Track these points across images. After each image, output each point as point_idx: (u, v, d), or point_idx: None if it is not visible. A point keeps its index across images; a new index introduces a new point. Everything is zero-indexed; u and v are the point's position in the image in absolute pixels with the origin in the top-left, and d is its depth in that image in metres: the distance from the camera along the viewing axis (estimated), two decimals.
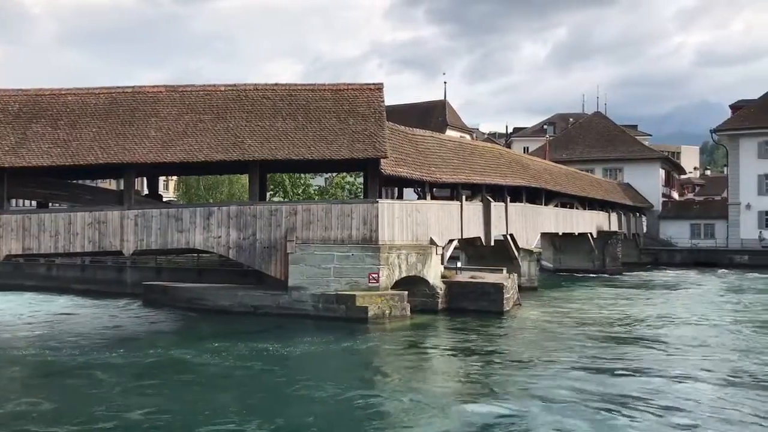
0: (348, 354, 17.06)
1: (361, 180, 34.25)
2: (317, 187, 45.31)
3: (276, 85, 24.35)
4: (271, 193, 39.77)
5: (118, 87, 23.16)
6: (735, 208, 55.38)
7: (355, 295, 21.29)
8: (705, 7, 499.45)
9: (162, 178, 51.75)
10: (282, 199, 39.30)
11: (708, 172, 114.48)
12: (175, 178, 54.26)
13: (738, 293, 33.61)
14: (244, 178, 38.01)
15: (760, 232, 53.83)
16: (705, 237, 56.80)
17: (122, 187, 24.56)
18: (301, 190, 42.45)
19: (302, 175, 41.96)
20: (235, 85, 24.07)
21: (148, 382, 14.36)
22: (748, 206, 54.77)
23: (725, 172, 64.22)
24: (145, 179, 32.17)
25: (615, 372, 15.14)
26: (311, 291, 21.93)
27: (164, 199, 32.62)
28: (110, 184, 46.77)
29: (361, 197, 28.49)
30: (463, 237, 27.82)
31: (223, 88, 23.70)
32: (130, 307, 26.58)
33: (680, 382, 14.24)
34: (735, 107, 60.67)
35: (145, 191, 31.95)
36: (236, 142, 22.28)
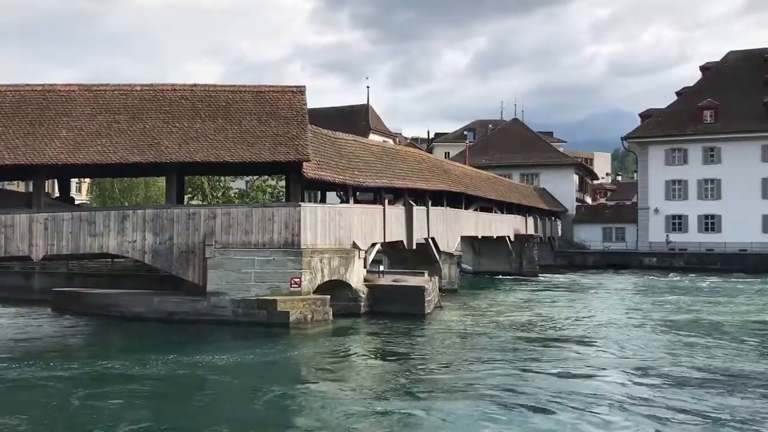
0: (268, 360, 16.82)
1: (283, 183, 33.93)
2: (238, 191, 44.55)
3: (195, 85, 23.79)
4: (190, 196, 38.81)
5: (28, 85, 22.07)
6: (644, 213, 58.02)
7: (276, 300, 21.02)
8: (616, 19, 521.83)
9: (74, 181, 49.69)
10: (201, 203, 38.44)
11: (619, 178, 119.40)
12: (88, 180, 52.21)
13: (647, 294, 35.20)
14: (161, 181, 36.93)
15: (667, 235, 56.59)
16: (616, 240, 59.23)
17: (31, 190, 23.38)
18: (220, 194, 41.65)
19: (222, 178, 41.18)
20: (152, 85, 23.37)
21: (57, 397, 13.71)
22: (656, 210, 57.48)
23: (635, 178, 67.10)
24: (56, 181, 30.79)
25: (532, 371, 15.54)
26: (231, 296, 21.51)
27: (76, 202, 31.31)
28: (18, 187, 44.56)
29: (283, 201, 28.20)
30: (386, 241, 27.96)
31: (139, 88, 22.97)
32: (38, 314, 25.32)
33: (594, 380, 14.77)
34: (644, 116, 63.59)
35: (56, 194, 30.57)
36: (153, 143, 21.63)
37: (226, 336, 20.18)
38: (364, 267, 25.43)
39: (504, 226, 44.62)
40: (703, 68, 64.08)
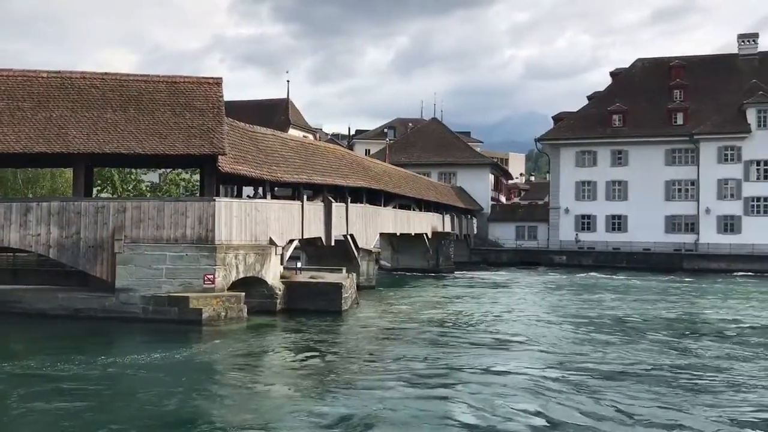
0: (179, 359, 16.34)
1: (197, 177, 33.09)
2: (150, 184, 43.18)
3: (106, 74, 22.87)
4: (98, 189, 37.33)
5: None
6: (555, 212, 60.01)
7: (188, 296, 20.47)
8: (534, 24, 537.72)
9: None
10: (110, 196, 37.04)
11: (533, 178, 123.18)
12: None
13: (556, 291, 36.40)
14: (69, 172, 35.33)
15: (577, 234, 58.76)
16: (529, 238, 61.00)
17: None
18: (131, 187, 40.27)
19: (133, 171, 39.80)
20: (59, 72, 22.32)
21: None
22: (567, 210, 59.56)
23: (548, 179, 69.24)
24: None
25: (448, 367, 15.76)
26: (141, 293, 20.80)
27: None
28: None
29: (198, 195, 27.49)
30: (304, 237, 27.74)
31: (45, 75, 21.90)
32: None
33: (509, 375, 15.08)
34: (557, 118, 65.70)
35: None
36: (59, 133, 20.64)
37: (136, 334, 19.51)
38: (281, 264, 25.14)
39: (422, 223, 45.14)
40: (612, 74, 66.80)
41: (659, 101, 59.18)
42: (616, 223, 58.37)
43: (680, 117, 57.83)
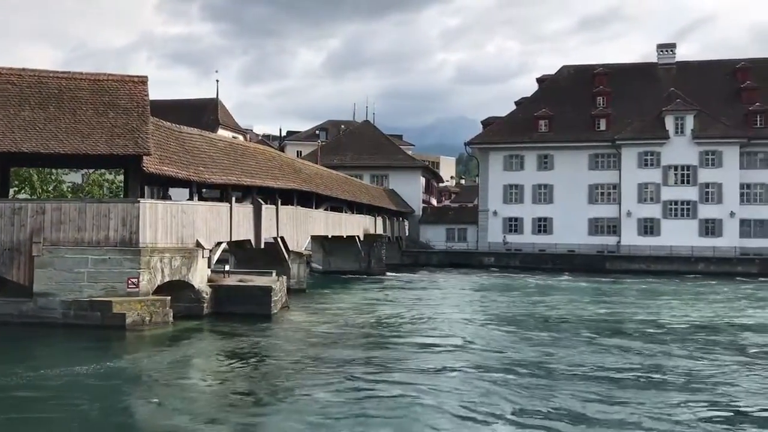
0: (100, 365, 15.78)
1: (122, 178, 32.10)
2: (71, 185, 41.61)
3: (24, 70, 21.92)
4: (15, 189, 35.71)
5: None
6: (484, 215, 61.12)
7: (111, 301, 19.84)
8: (465, 29, 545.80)
9: None
10: (29, 197, 35.51)
11: (463, 181, 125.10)
12: None
13: (484, 291, 37.06)
14: None
15: (504, 236, 60.00)
16: (459, 240, 61.90)
17: None
18: (51, 187, 38.67)
19: (54, 171, 38.27)
20: None
21: None
22: (495, 213, 60.74)
23: (477, 182, 70.42)
24: None
25: (379, 370, 15.78)
26: (61, 297, 20.02)
27: None
28: None
29: (122, 196, 26.69)
30: (233, 239, 27.29)
31: None
32: None
33: (439, 376, 15.24)
34: (486, 123, 66.93)
35: None
36: None
37: (56, 340, 18.76)
38: (209, 267, 24.66)
39: (354, 225, 45.15)
40: (539, 80, 68.57)
41: (583, 107, 61.10)
42: (542, 225, 59.92)
43: (603, 123, 59.85)
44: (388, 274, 46.60)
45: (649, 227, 57.08)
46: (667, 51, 65.19)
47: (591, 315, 27.14)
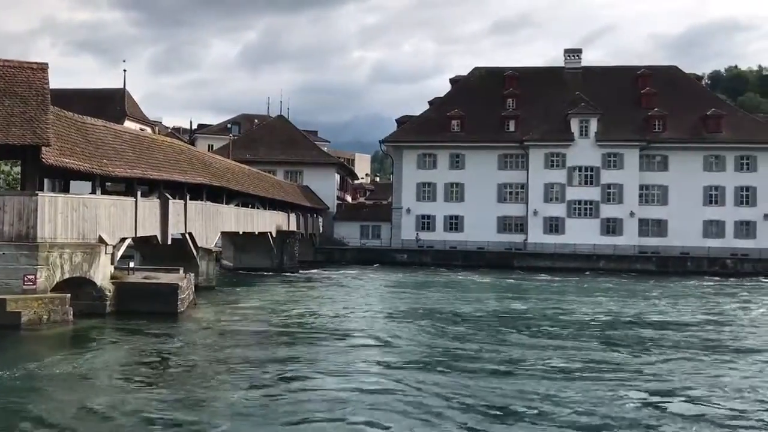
0: None
1: (19, 169, 30.44)
2: None
3: None
4: None
5: None
6: (398, 212, 61.73)
7: (5, 299, 18.79)
8: (382, 27, 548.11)
9: None
10: None
11: (378, 179, 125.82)
12: None
13: (397, 288, 37.45)
14: None
15: (417, 233, 60.82)
16: (373, 237, 62.26)
17: None
18: None
19: None
20: None
21: None
22: (408, 210, 61.46)
23: (392, 179, 70.98)
24: None
25: (291, 368, 15.68)
26: None
27: None
28: None
29: (19, 189, 25.32)
30: (138, 235, 26.42)
31: None
32: None
33: (353, 374, 15.27)
34: (400, 122, 67.57)
35: None
36: None
37: None
38: (112, 263, 23.79)
39: (266, 222, 44.61)
40: (452, 81, 69.80)
41: (494, 108, 62.67)
42: (454, 223, 61.10)
43: (512, 124, 61.59)
44: (301, 271, 46.33)
45: (554, 226, 59.21)
46: (573, 56, 67.73)
47: (497, 310, 27.91)
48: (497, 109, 62.77)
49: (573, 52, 68.16)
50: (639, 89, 62.86)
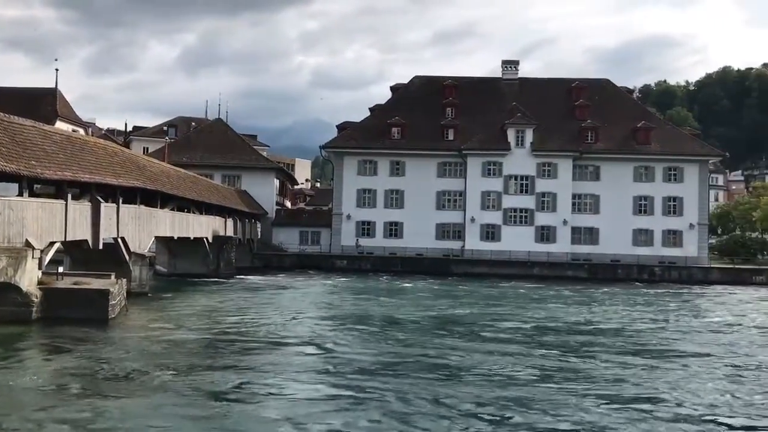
0: None
1: None
2: None
3: None
4: None
5: None
6: (338, 218, 61.66)
7: None
8: (324, 33, 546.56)
9: None
10: None
11: (318, 184, 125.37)
12: None
13: (336, 294, 37.42)
14: None
15: (357, 239, 60.88)
16: (312, 243, 61.99)
17: None
18: None
19: None
20: None
21: None
22: (349, 216, 61.48)
23: (332, 185, 70.88)
24: None
25: (223, 375, 15.48)
26: None
27: None
28: None
29: None
30: (68, 239, 25.63)
31: None
32: None
33: (289, 378, 15.19)
34: (341, 127, 67.54)
35: None
36: None
37: None
38: (40, 268, 23.00)
39: (202, 227, 43.89)
40: (392, 88, 70.29)
41: (434, 117, 63.39)
42: (394, 229, 61.42)
43: (451, 133, 62.40)
44: (238, 277, 45.73)
45: (491, 233, 60.23)
46: (510, 67, 69.18)
47: (435, 315, 28.20)
48: (437, 117, 63.49)
49: (510, 64, 69.58)
50: (573, 101, 64.63)
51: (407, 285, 44.53)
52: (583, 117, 62.68)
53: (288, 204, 74.94)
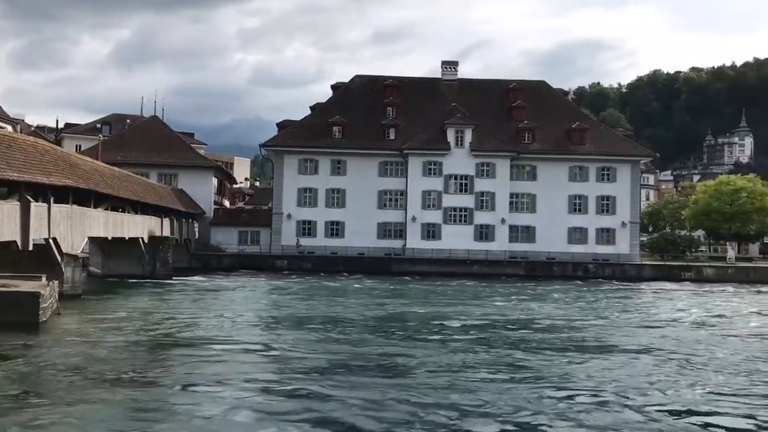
0: None
1: None
2: None
3: None
4: None
5: None
6: (278, 218, 61.11)
7: None
8: (264, 31, 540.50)
9: None
10: None
11: (258, 183, 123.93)
12: None
13: (276, 294, 37.09)
14: None
15: (298, 239, 60.49)
16: (251, 243, 61.26)
17: None
18: None
19: None
20: None
21: None
22: (289, 216, 61.02)
23: (272, 184, 70.20)
24: None
25: (162, 382, 15.13)
26: None
27: None
28: None
29: None
30: None
31: None
32: None
33: (225, 384, 14.95)
34: (281, 126, 66.92)
35: None
36: None
37: None
38: None
39: (138, 227, 42.81)
40: (333, 87, 70.11)
41: (375, 116, 63.52)
42: (335, 228, 61.29)
43: (392, 132, 62.67)
44: (176, 278, 44.78)
45: (431, 232, 60.79)
46: (450, 68, 69.95)
47: (377, 314, 28.28)
48: (378, 117, 63.65)
49: (450, 65, 70.35)
50: (510, 102, 65.82)
51: (349, 285, 44.50)
52: (520, 118, 63.87)
53: (227, 203, 73.88)
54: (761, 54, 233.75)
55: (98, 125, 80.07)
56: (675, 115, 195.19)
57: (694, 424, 12.64)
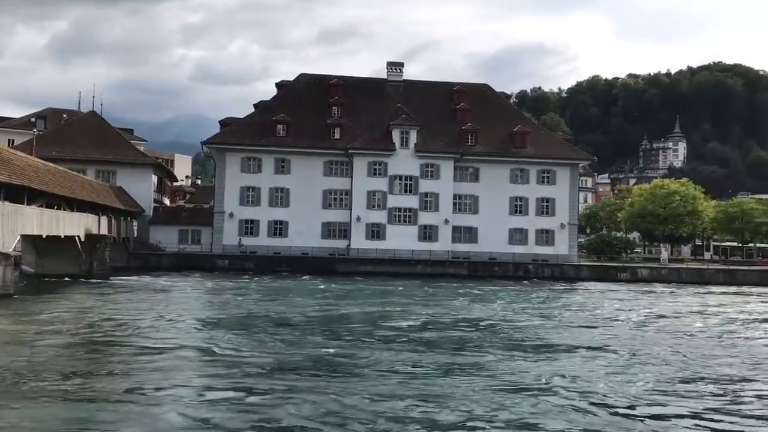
0: None
1: None
2: None
3: None
4: None
5: None
6: (220, 216, 60.20)
7: None
8: (206, 27, 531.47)
9: None
10: None
11: (199, 181, 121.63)
12: None
13: (216, 295, 36.49)
14: None
15: (240, 239, 59.72)
16: (192, 242, 60.18)
17: None
18: None
19: None
20: None
21: None
22: (231, 215, 60.19)
23: (214, 183, 69.08)
24: None
25: (98, 387, 14.69)
26: None
27: None
28: None
29: None
30: None
31: None
32: None
33: (165, 387, 14.61)
34: (224, 123, 65.94)
35: None
36: None
37: None
38: None
39: (73, 225, 41.49)
40: (278, 85, 69.47)
41: (320, 116, 63.26)
42: (278, 228, 60.78)
43: (337, 132, 62.53)
44: (113, 278, 43.59)
45: (376, 232, 60.92)
46: (395, 69, 70.22)
47: (319, 315, 28.14)
48: (323, 116, 63.41)
49: (395, 66, 70.64)
50: (455, 104, 66.53)
51: (292, 285, 44.17)
52: (463, 120, 64.63)
53: (167, 201, 72.35)
54: (694, 62, 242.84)
55: (33, 119, 77.43)
56: (612, 120, 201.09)
57: (638, 416, 13.01)
